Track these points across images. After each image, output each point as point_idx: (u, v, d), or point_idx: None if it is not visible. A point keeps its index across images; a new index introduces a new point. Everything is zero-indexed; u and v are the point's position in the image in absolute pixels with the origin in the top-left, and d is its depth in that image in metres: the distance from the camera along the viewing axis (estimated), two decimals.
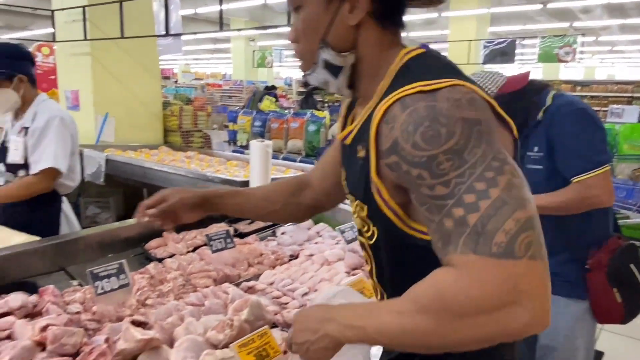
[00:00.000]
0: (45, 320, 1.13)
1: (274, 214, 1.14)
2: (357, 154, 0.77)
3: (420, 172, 0.63)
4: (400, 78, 0.71)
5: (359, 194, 0.78)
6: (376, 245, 0.79)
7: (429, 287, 0.62)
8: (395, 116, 0.66)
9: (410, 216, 0.72)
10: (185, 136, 4.79)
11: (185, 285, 1.46)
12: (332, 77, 0.80)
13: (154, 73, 4.48)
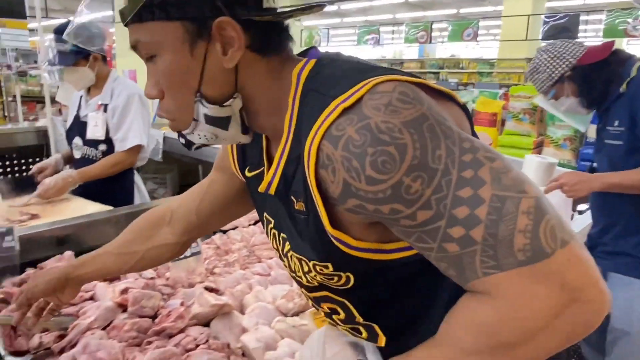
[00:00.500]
0: (124, 284, 1.19)
1: (138, 265, 0.98)
2: (294, 205, 0.64)
3: (392, 207, 0.52)
4: (309, 104, 0.59)
5: (314, 255, 0.64)
6: (355, 288, 0.66)
7: (469, 326, 0.54)
8: (330, 156, 0.54)
9: (387, 243, 0.61)
10: None
11: (249, 256, 1.49)
12: (221, 130, 0.64)
13: None
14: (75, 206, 1.75)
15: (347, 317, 0.71)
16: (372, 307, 0.68)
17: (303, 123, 0.59)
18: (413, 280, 0.64)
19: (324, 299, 0.72)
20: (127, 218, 1.58)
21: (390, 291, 0.66)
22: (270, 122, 0.66)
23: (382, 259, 0.61)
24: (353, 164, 0.52)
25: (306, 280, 0.70)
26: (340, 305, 0.70)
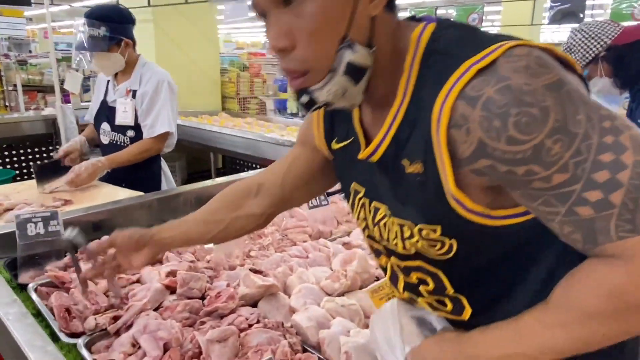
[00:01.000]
0: (169, 267, 1.20)
1: (222, 235, 0.98)
2: (405, 170, 0.63)
3: (529, 168, 0.53)
4: (433, 66, 0.59)
5: (423, 217, 0.64)
6: (455, 257, 0.66)
7: (596, 289, 0.54)
8: (466, 115, 0.54)
9: (495, 209, 0.61)
10: (242, 103, 4.86)
11: (283, 239, 1.51)
12: (353, 84, 0.61)
13: (213, 39, 4.53)
14: (106, 192, 1.76)
15: (437, 288, 0.71)
16: (466, 278, 0.69)
17: (426, 85, 0.59)
18: (514, 253, 0.65)
19: (415, 269, 0.72)
20: (160, 203, 1.60)
21: (489, 263, 0.67)
22: (384, 86, 0.64)
23: (492, 224, 0.61)
24: (494, 124, 0.52)
25: (402, 247, 0.69)
26: (432, 276, 0.71)
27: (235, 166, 4.51)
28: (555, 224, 0.55)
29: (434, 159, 0.59)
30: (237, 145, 3.12)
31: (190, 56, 4.30)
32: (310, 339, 0.99)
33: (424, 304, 0.75)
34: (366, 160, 0.70)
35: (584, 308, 0.55)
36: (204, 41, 4.37)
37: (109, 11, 1.89)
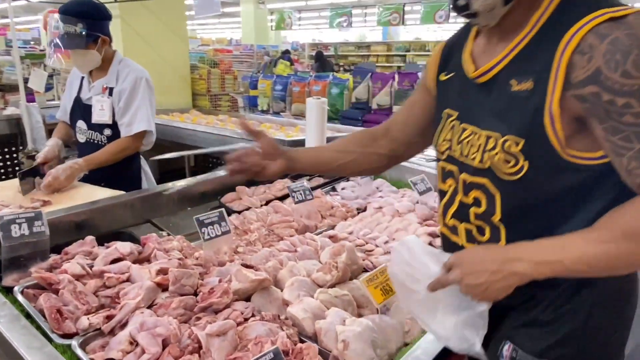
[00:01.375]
0: (158, 265, 1.20)
1: (350, 165, 1.11)
2: (512, 88, 0.76)
3: (628, 101, 0.64)
4: (569, 10, 0.71)
5: (514, 129, 0.75)
6: (522, 180, 0.76)
7: (637, 213, 0.66)
8: (593, 46, 0.66)
9: (569, 146, 0.72)
10: (213, 100, 4.81)
11: (269, 234, 1.52)
12: (502, 4, 0.74)
13: (182, 36, 4.45)
14: (85, 192, 1.72)
15: (486, 212, 0.82)
16: (518, 208, 0.78)
17: (557, 23, 0.71)
18: (570, 194, 0.74)
19: (478, 186, 0.82)
20: (142, 202, 1.59)
21: (545, 198, 0.76)
22: (517, 16, 0.76)
23: (564, 156, 0.72)
24: (616, 57, 0.63)
25: (479, 161, 0.80)
26: (489, 197, 0.81)
27: (209, 164, 4.46)
28: (624, 159, 0.67)
29: (547, 79, 0.70)
30: (211, 142, 3.09)
31: (160, 53, 4.22)
32: (307, 329, 1.01)
33: (463, 233, 0.86)
34: (471, 82, 0.84)
35: (625, 228, 0.66)
36: (173, 37, 4.30)
37: (85, 7, 1.83)
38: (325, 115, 2.19)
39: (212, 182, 1.76)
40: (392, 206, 1.72)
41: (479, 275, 0.74)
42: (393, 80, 4.55)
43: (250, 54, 17.50)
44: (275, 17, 10.17)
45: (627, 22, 0.64)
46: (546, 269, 0.70)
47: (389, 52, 13.18)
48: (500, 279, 0.73)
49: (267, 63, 10.60)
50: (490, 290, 0.74)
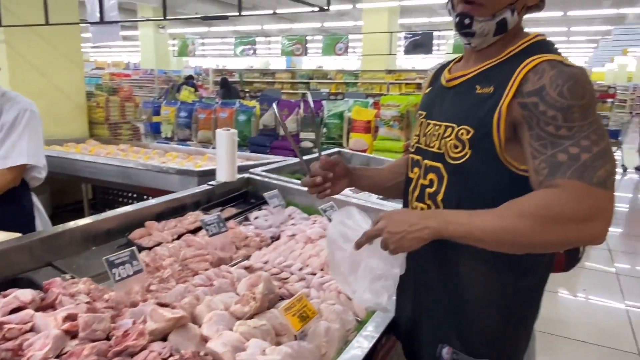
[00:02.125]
0: (65, 311, 1.13)
1: (400, 185, 1.21)
2: (476, 91, 0.95)
3: (556, 114, 0.82)
4: (537, 48, 0.92)
5: (470, 120, 0.93)
6: (462, 165, 0.94)
7: (534, 199, 0.81)
8: (545, 70, 0.85)
9: (506, 149, 0.89)
10: (113, 128, 4.58)
11: (183, 269, 1.50)
12: (492, 34, 0.94)
13: (77, 62, 4.22)
14: None
15: (435, 191, 1.00)
16: (457, 191, 0.96)
17: (521, 56, 0.90)
18: (503, 193, 0.88)
19: (434, 169, 1.01)
20: (41, 243, 1.48)
21: (480, 188, 0.93)
22: (498, 47, 0.96)
23: (499, 154, 0.89)
24: (558, 80, 0.83)
25: (437, 147, 1.00)
26: (440, 178, 0.99)
27: (108, 196, 4.21)
28: (537, 160, 0.84)
29: (504, 87, 0.89)
30: (112, 175, 2.95)
31: (52, 80, 3.95)
32: None
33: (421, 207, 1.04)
34: (444, 87, 1.04)
35: (520, 209, 0.82)
36: (67, 64, 4.05)
37: None
38: (236, 146, 2.22)
39: (118, 218, 1.70)
40: (304, 233, 1.79)
41: (399, 225, 0.89)
42: (299, 107, 4.71)
43: (150, 78, 17.00)
44: (178, 43, 9.98)
45: (571, 67, 0.86)
46: (453, 228, 0.85)
47: (293, 80, 13.54)
48: (415, 230, 0.87)
49: (170, 89, 10.34)
50: (406, 239, 0.88)
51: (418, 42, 7.65)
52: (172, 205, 1.96)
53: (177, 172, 2.63)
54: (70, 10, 3.79)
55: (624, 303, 3.40)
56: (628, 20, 16.34)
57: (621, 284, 3.70)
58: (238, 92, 10.29)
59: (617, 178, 6.54)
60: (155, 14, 15.12)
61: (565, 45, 24.31)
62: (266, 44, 12.10)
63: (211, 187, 2.17)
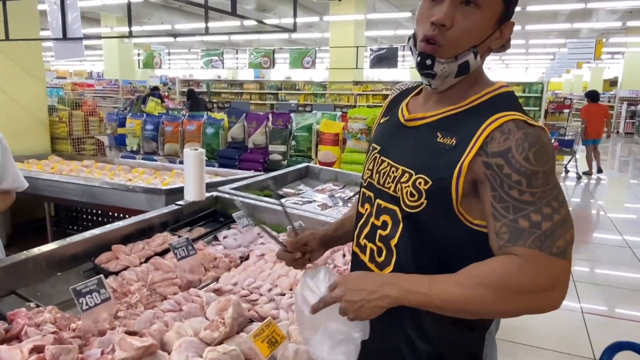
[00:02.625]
0: (31, 342, 1.12)
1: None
2: (437, 139, 0.91)
3: (520, 179, 0.81)
4: (501, 103, 0.90)
5: (428, 171, 0.90)
6: (418, 214, 0.91)
7: (495, 268, 0.81)
8: (511, 130, 0.83)
9: (461, 204, 0.87)
10: (76, 143, 4.48)
11: (151, 294, 1.50)
12: (454, 76, 0.91)
13: (39, 77, 4.12)
14: None
15: (388, 235, 0.96)
16: (411, 238, 0.93)
17: (485, 109, 0.89)
18: (456, 245, 0.89)
19: (388, 211, 0.97)
20: (3, 272, 1.46)
21: (433, 238, 0.91)
22: (458, 92, 0.94)
23: (455, 208, 0.87)
24: (524, 144, 0.82)
25: (393, 189, 0.96)
26: (395, 223, 0.95)
27: (72, 213, 4.11)
28: (498, 222, 0.83)
29: (468, 142, 0.87)
30: (76, 193, 2.89)
31: (11, 95, 3.84)
32: None
33: (368, 252, 1.02)
34: (401, 125, 1.01)
35: (482, 278, 0.81)
36: (29, 79, 3.96)
37: None
38: (204, 165, 2.22)
39: (83, 242, 1.68)
40: (274, 253, 1.82)
41: (358, 294, 0.87)
42: (267, 120, 4.74)
43: (115, 89, 16.66)
44: (143, 54, 9.83)
45: (536, 129, 0.84)
46: (412, 297, 0.84)
47: (262, 90, 13.54)
48: (374, 299, 0.86)
49: (135, 100, 10.15)
50: (365, 308, 0.86)
51: (383, 55, 7.84)
52: (140, 227, 1.95)
53: (144, 190, 2.61)
54: (32, 24, 3.71)
55: (580, 308, 3.57)
56: (582, 34, 17.19)
57: (577, 290, 3.87)
58: (205, 103, 10.21)
59: (571, 185, 6.79)
60: (119, 23, 14.87)
61: (524, 57, 25.30)
62: (234, 54, 12.06)
63: (179, 207, 2.16)
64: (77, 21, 3.09)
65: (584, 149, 9.12)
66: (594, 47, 10.17)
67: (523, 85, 10.68)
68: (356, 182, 3.16)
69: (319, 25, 14.72)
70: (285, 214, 1.17)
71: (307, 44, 18.69)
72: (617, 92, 17.95)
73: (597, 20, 13.63)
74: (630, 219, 6.36)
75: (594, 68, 24.31)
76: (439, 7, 0.89)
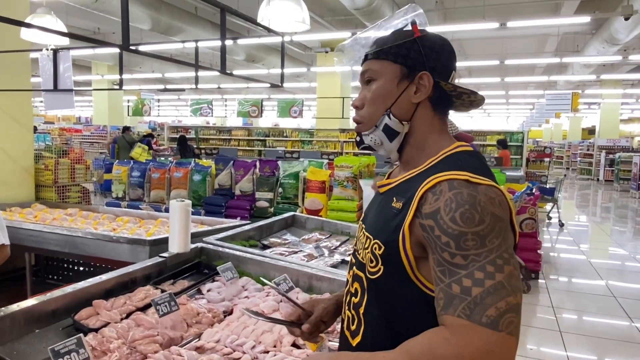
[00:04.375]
0: None
1: None
2: (392, 203, 0.92)
3: (449, 241, 0.78)
4: (451, 162, 0.89)
5: (381, 235, 0.90)
6: (377, 280, 0.90)
7: (423, 342, 0.78)
8: (443, 191, 0.82)
9: (418, 269, 0.85)
10: (61, 191, 4.45)
11: (132, 353, 1.47)
12: (387, 140, 0.96)
13: (26, 125, 4.14)
14: None
15: (358, 303, 0.97)
16: (375, 306, 0.92)
17: (435, 169, 0.89)
18: (412, 309, 0.87)
19: (358, 279, 0.98)
20: None
21: (394, 306, 0.89)
22: (412, 154, 0.97)
23: (409, 274, 0.86)
24: (452, 204, 0.80)
25: (361, 256, 0.97)
26: (362, 290, 0.96)
27: (53, 262, 4.02)
28: (438, 287, 0.81)
29: (410, 204, 0.87)
30: (59, 244, 2.84)
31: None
32: None
33: (346, 320, 1.02)
34: (377, 192, 1.03)
35: (409, 352, 0.78)
36: (16, 127, 3.98)
37: None
38: (189, 217, 2.23)
39: (64, 297, 1.65)
40: (258, 307, 1.80)
41: None
42: (255, 167, 4.79)
43: (103, 135, 16.71)
44: (133, 102, 9.96)
45: (477, 187, 0.81)
46: None
47: (250, 137, 13.70)
48: None
49: (113, 144, 10.16)
50: None
51: None
52: (122, 280, 1.93)
53: (128, 241, 2.58)
54: (23, 73, 3.76)
55: (566, 356, 3.53)
56: (559, 86, 17.94)
57: (564, 340, 3.85)
58: (193, 149, 10.30)
59: (554, 231, 6.82)
60: (110, 70, 15.12)
61: (505, 106, 26.18)
62: (222, 102, 12.28)
63: (163, 259, 2.14)
64: (69, 71, 3.16)
65: (566, 197, 9.29)
66: (570, 99, 10.59)
67: (504, 134, 11.00)
68: (342, 231, 3.17)
69: (306, 75, 15.16)
70: (284, 297, 1.17)
71: (295, 92, 19.16)
72: (595, 140, 18.54)
73: (572, 73, 14.28)
74: (614, 265, 6.42)
75: (572, 117, 25.22)
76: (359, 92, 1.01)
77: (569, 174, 20.95)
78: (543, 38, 12.19)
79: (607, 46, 9.94)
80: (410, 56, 0.93)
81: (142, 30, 9.12)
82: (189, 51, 11.75)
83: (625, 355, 3.69)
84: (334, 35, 9.27)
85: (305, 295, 1.90)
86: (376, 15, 8.42)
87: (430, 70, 0.93)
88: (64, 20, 4.46)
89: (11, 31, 3.71)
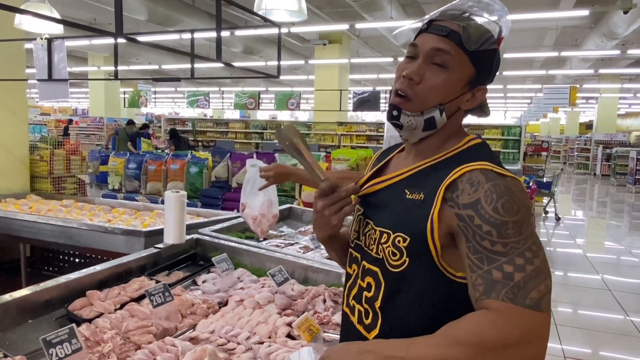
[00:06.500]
0: None
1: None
2: (406, 195, 0.93)
3: (491, 230, 0.81)
4: (473, 153, 0.92)
5: (404, 228, 0.90)
6: (403, 273, 0.90)
7: (468, 325, 0.79)
8: (480, 182, 0.84)
9: (443, 257, 0.87)
10: (57, 182, 4.43)
11: (125, 343, 1.46)
12: (422, 129, 0.95)
13: (21, 117, 4.10)
14: None
15: (373, 297, 0.95)
16: (396, 299, 0.92)
17: (459, 159, 0.91)
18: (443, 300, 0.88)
19: (371, 273, 0.96)
20: None
21: (420, 296, 0.89)
22: (432, 146, 0.97)
23: (437, 263, 0.87)
24: (492, 195, 0.83)
25: (375, 252, 0.96)
26: (377, 284, 0.95)
27: (48, 254, 4.00)
28: (474, 274, 0.83)
29: (435, 194, 0.88)
30: (54, 235, 2.83)
31: None
32: None
33: (357, 313, 1.00)
34: (375, 186, 1.01)
35: (456, 336, 0.79)
36: (11, 118, 3.94)
37: None
38: (185, 208, 2.21)
39: (57, 288, 1.63)
40: (253, 298, 1.79)
41: None
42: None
43: (99, 126, 16.62)
44: (129, 94, 9.89)
45: (506, 179, 0.85)
46: None
47: (247, 130, 13.65)
48: None
49: (115, 135, 10.11)
50: None
51: (366, 99, 8.05)
52: (117, 271, 1.91)
53: (123, 232, 2.56)
54: (18, 63, 3.72)
55: (561, 349, 3.55)
56: (557, 80, 17.93)
57: (559, 333, 3.86)
58: (188, 142, 10.24)
59: (551, 226, 6.87)
60: (106, 62, 15.03)
61: (503, 101, 26.17)
62: (219, 94, 12.20)
63: (158, 250, 2.13)
64: (63, 62, 3.12)
65: (562, 191, 9.30)
66: (568, 93, 10.57)
67: (502, 128, 10.99)
68: None
69: (304, 67, 15.09)
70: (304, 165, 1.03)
71: (292, 85, 19.08)
72: (592, 135, 18.56)
73: (570, 67, 14.26)
74: (610, 259, 6.44)
75: (570, 112, 25.23)
76: (412, 64, 0.95)
77: (566, 168, 21.01)
78: (542, 32, 12.16)
79: (605, 40, 9.92)
80: (486, 67, 0.95)
81: (139, 21, 9.04)
82: (186, 42, 11.67)
83: (619, 348, 3.71)
84: (332, 27, 9.22)
85: (300, 287, 1.90)
86: (375, 7, 8.35)
87: (485, 83, 0.97)
88: (60, 10, 4.41)
89: (5, 21, 3.66)
